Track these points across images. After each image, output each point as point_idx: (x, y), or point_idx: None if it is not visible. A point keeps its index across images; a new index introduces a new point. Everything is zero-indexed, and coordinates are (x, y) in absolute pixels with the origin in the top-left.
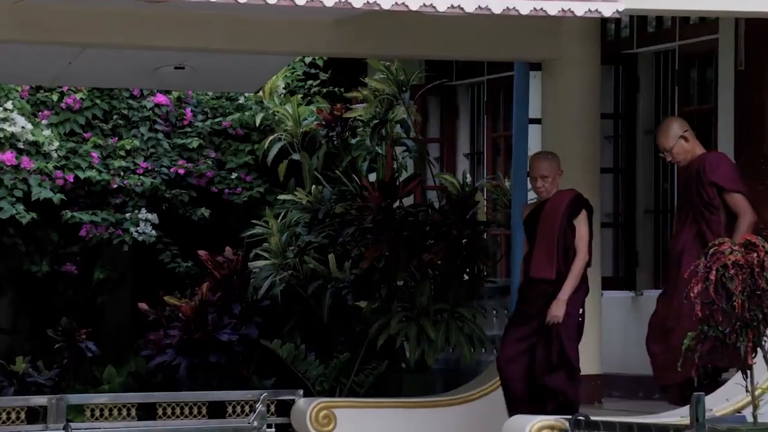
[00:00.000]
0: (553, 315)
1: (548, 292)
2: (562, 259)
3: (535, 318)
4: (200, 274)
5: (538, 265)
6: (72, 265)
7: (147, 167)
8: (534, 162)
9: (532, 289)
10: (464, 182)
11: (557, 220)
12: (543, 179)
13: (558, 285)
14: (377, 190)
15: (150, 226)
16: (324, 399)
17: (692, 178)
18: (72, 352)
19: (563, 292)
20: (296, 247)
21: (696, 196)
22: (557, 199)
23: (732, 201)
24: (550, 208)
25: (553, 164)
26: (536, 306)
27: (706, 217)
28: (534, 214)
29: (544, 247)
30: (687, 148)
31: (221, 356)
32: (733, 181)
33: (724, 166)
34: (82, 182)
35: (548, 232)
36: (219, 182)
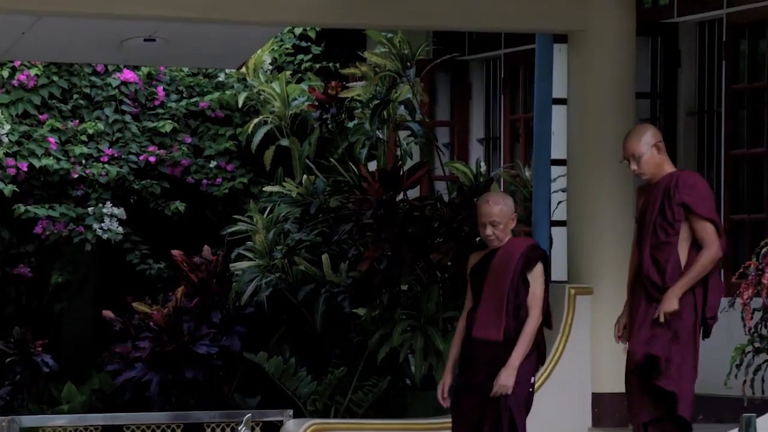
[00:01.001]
0: (502, 385)
1: (494, 356)
2: (512, 318)
3: (479, 388)
4: (174, 278)
5: (483, 323)
6: (26, 267)
7: (112, 154)
8: (483, 206)
9: (476, 351)
10: (478, 172)
11: (508, 273)
12: (493, 226)
13: (505, 348)
14: (378, 180)
15: (116, 222)
16: (317, 420)
17: (657, 197)
18: (26, 366)
19: (514, 358)
20: (285, 246)
21: (658, 215)
22: (509, 249)
23: (700, 228)
24: (501, 259)
25: (505, 209)
26: (481, 374)
27: (660, 240)
28: (482, 263)
29: (491, 303)
30: (657, 161)
31: (198, 371)
32: (707, 208)
33: (700, 189)
34: (37, 171)
35: (497, 286)
36: (196, 172)
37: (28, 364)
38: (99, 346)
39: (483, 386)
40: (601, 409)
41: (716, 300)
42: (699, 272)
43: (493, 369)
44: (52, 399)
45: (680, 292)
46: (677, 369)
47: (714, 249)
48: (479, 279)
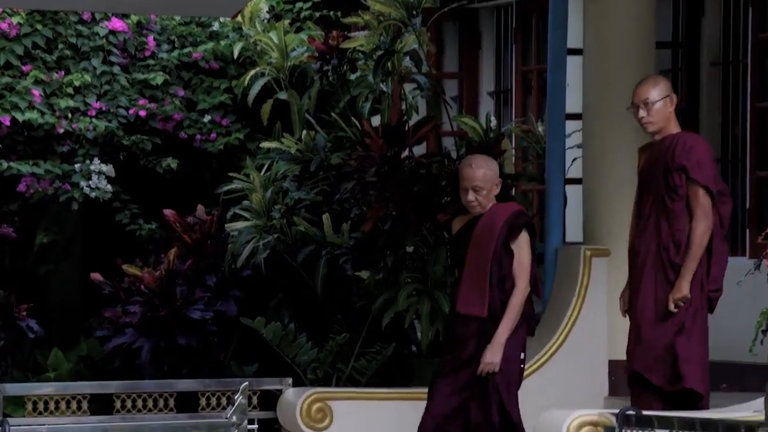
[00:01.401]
0: (488, 362)
1: (480, 332)
2: (497, 291)
3: (466, 366)
4: (166, 239)
5: (467, 297)
6: (8, 227)
7: (100, 108)
8: (465, 170)
9: (461, 328)
10: (488, 127)
11: (491, 242)
12: (475, 191)
13: (492, 323)
14: (382, 136)
15: (104, 180)
16: (318, 389)
17: (660, 159)
18: (9, 332)
19: (500, 334)
20: (283, 206)
21: (662, 179)
22: (492, 217)
23: (692, 195)
24: (483, 228)
25: (489, 173)
26: (467, 350)
27: (668, 207)
28: (464, 231)
29: (474, 276)
30: (667, 115)
31: (192, 338)
32: (703, 173)
33: (698, 152)
34: (20, 126)
35: (479, 257)
36: (189, 126)
37: (11, 329)
38: (87, 311)
39: (472, 361)
40: (618, 377)
41: (720, 272)
42: (698, 249)
43: (482, 343)
44: (37, 366)
45: (690, 276)
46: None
47: (706, 221)
48: (460, 248)
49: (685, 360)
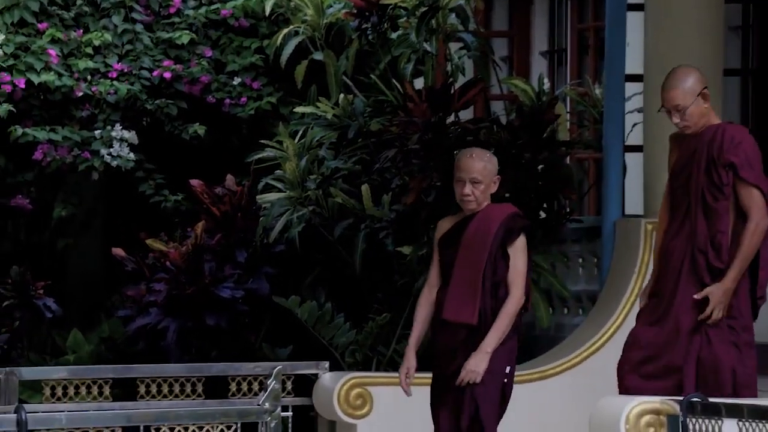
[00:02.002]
0: (471, 371)
1: (469, 342)
2: (489, 298)
3: (453, 379)
4: (193, 211)
5: (456, 304)
6: (24, 198)
7: (122, 69)
8: (463, 160)
9: (448, 337)
10: (540, 89)
11: (486, 244)
12: (473, 184)
13: (482, 333)
14: (425, 100)
15: (127, 148)
16: (356, 374)
17: (702, 154)
18: (25, 311)
19: (487, 343)
20: (319, 176)
21: (704, 176)
22: (487, 217)
23: (745, 195)
24: (477, 229)
25: (489, 167)
26: (456, 362)
27: (709, 206)
28: (454, 232)
29: (465, 281)
30: (703, 111)
31: (221, 318)
32: (753, 171)
33: (747, 146)
34: (36, 88)
35: (472, 261)
36: (217, 90)
37: (28, 308)
38: (108, 289)
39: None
40: None
41: (764, 276)
42: (750, 252)
43: (467, 355)
44: (55, 348)
45: (735, 283)
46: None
47: (763, 221)
48: (450, 251)
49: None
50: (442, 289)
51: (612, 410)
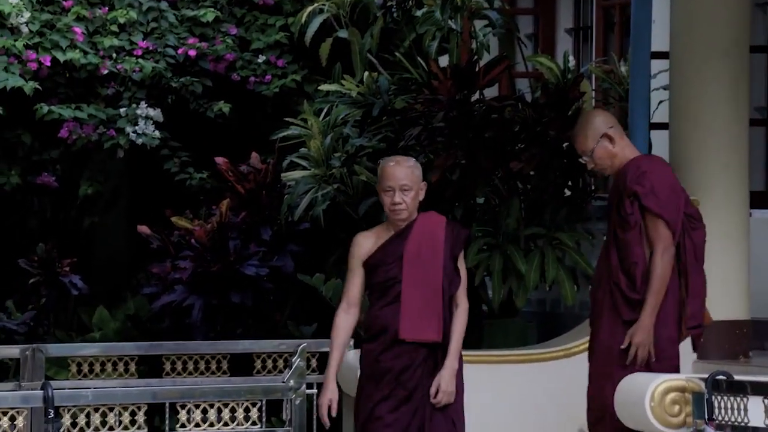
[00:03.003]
0: (446, 391)
1: (426, 359)
2: (448, 312)
3: (406, 401)
4: (218, 189)
5: (413, 322)
6: (50, 176)
7: (147, 47)
8: (388, 169)
9: (404, 357)
10: (566, 67)
11: (437, 257)
12: (404, 192)
13: (438, 350)
14: (450, 77)
15: (152, 125)
16: None
17: (617, 186)
18: (51, 289)
19: (453, 359)
20: (344, 154)
21: (615, 209)
22: (427, 227)
23: (650, 225)
24: (422, 241)
25: (417, 171)
26: (411, 381)
27: (619, 238)
28: (390, 248)
29: (421, 297)
30: (613, 151)
31: (246, 296)
32: (657, 200)
33: (653, 176)
34: (62, 66)
35: (426, 276)
36: (242, 68)
37: (54, 286)
38: (134, 266)
39: (414, 396)
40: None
41: (698, 306)
42: (659, 285)
43: (425, 371)
44: (81, 325)
45: (652, 318)
46: None
47: (666, 252)
48: (390, 268)
49: None
50: (383, 308)
51: (637, 388)
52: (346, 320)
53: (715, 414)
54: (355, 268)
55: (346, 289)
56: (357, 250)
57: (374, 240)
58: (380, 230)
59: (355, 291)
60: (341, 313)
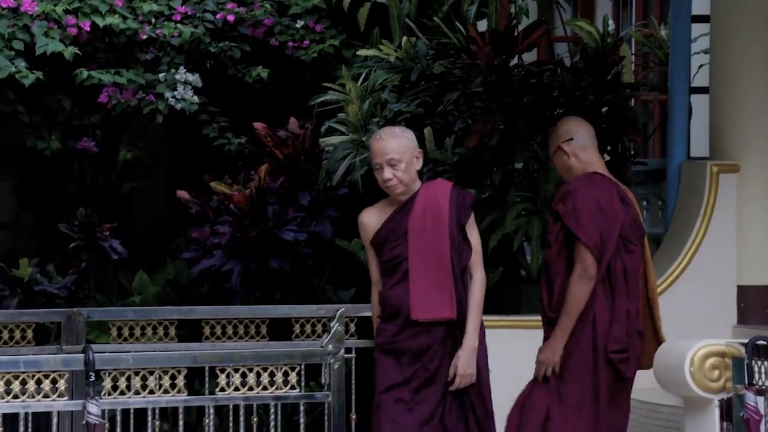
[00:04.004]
0: (466, 373)
1: (445, 338)
2: (461, 285)
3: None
4: (257, 154)
5: (425, 301)
6: (90, 141)
7: (186, 12)
8: (374, 144)
9: (422, 338)
10: (605, 31)
11: (443, 229)
12: (392, 166)
13: (456, 326)
14: (489, 42)
15: (191, 91)
16: None
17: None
18: (92, 253)
19: (471, 337)
20: (382, 119)
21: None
22: (430, 198)
23: (575, 247)
24: (425, 214)
25: (404, 142)
26: (433, 363)
27: (545, 254)
28: (392, 225)
29: (430, 274)
30: (567, 164)
31: (285, 261)
32: (577, 220)
33: (577, 196)
34: (101, 32)
35: (432, 250)
36: (280, 33)
37: (94, 250)
38: (173, 231)
39: (436, 377)
40: (747, 303)
41: (621, 330)
42: (572, 307)
43: (447, 351)
44: (121, 289)
45: (560, 338)
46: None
47: (583, 277)
48: (392, 246)
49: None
50: (393, 288)
51: (677, 352)
52: (378, 304)
53: (755, 379)
54: (369, 249)
55: (370, 271)
56: (363, 232)
57: (378, 216)
58: (384, 205)
59: (376, 272)
60: (374, 294)
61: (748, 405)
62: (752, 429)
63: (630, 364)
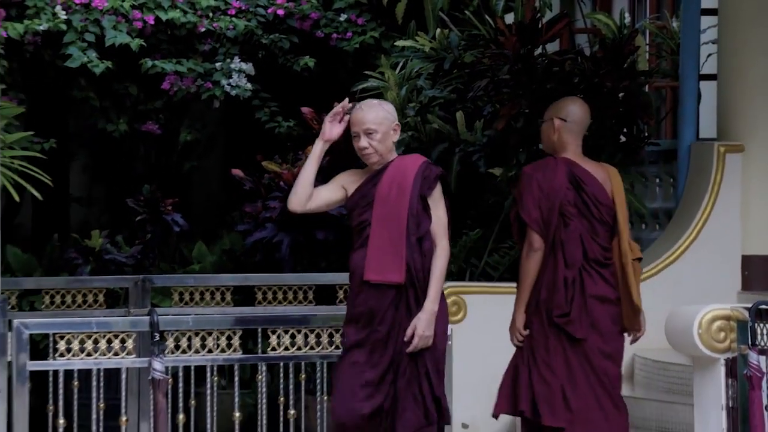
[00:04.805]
0: (424, 335)
1: (397, 302)
2: (416, 253)
3: (383, 346)
4: (304, 136)
5: (379, 263)
6: (154, 124)
7: (240, 7)
8: (354, 114)
9: (374, 299)
10: (622, 23)
11: (404, 198)
12: (368, 135)
13: (410, 290)
14: (515, 34)
15: (244, 78)
16: (452, 283)
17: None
18: (156, 225)
19: (432, 301)
20: (418, 104)
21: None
22: (399, 169)
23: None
24: (391, 182)
25: (382, 113)
26: (384, 326)
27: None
28: (363, 191)
29: (386, 238)
30: (551, 138)
31: (330, 232)
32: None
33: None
34: (164, 25)
35: (392, 217)
36: (325, 25)
37: (158, 223)
38: (229, 206)
39: (389, 340)
40: (751, 271)
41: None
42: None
43: (399, 315)
44: (183, 258)
45: (520, 306)
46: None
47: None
48: (363, 212)
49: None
50: (356, 251)
51: (685, 316)
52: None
53: (758, 340)
54: (331, 181)
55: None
56: (340, 174)
57: (357, 180)
58: (364, 173)
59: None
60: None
61: (751, 363)
62: (755, 385)
63: (576, 326)
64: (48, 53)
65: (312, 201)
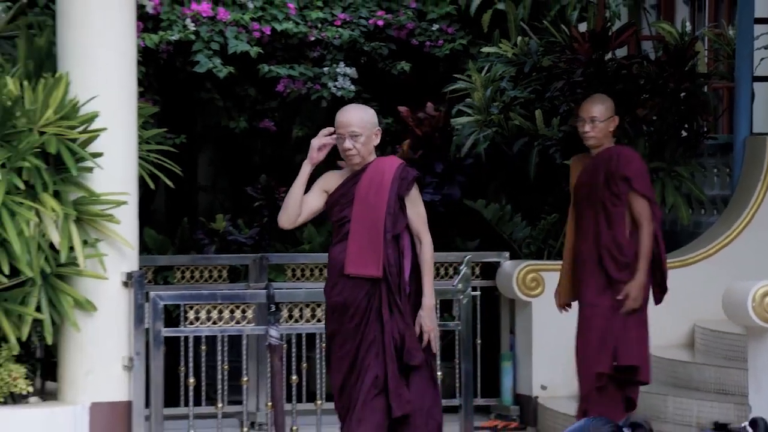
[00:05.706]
0: (431, 329)
1: (371, 294)
2: (392, 249)
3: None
4: (401, 131)
5: (359, 258)
6: (270, 122)
7: (345, 19)
8: (339, 117)
9: (351, 291)
10: (683, 31)
11: (382, 197)
12: (353, 138)
13: (382, 285)
14: (588, 40)
15: (348, 81)
16: (531, 262)
17: (599, 169)
18: (271, 210)
19: (429, 297)
20: (501, 103)
21: (603, 188)
22: (377, 170)
23: (636, 204)
24: (370, 183)
25: (366, 117)
26: (356, 317)
27: (608, 211)
28: (344, 190)
29: (365, 235)
30: (607, 133)
31: None
32: (644, 183)
33: (637, 164)
34: (279, 35)
35: (370, 215)
36: (419, 34)
37: (273, 208)
38: None
39: (358, 330)
40: None
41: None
42: (647, 254)
43: (371, 305)
44: (294, 239)
45: (645, 276)
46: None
47: (650, 227)
48: (343, 209)
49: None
50: (336, 245)
51: (740, 291)
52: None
53: None
54: (314, 189)
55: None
56: (320, 180)
57: (337, 180)
58: (344, 173)
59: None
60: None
61: None
62: None
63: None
64: (179, 60)
65: (301, 216)
